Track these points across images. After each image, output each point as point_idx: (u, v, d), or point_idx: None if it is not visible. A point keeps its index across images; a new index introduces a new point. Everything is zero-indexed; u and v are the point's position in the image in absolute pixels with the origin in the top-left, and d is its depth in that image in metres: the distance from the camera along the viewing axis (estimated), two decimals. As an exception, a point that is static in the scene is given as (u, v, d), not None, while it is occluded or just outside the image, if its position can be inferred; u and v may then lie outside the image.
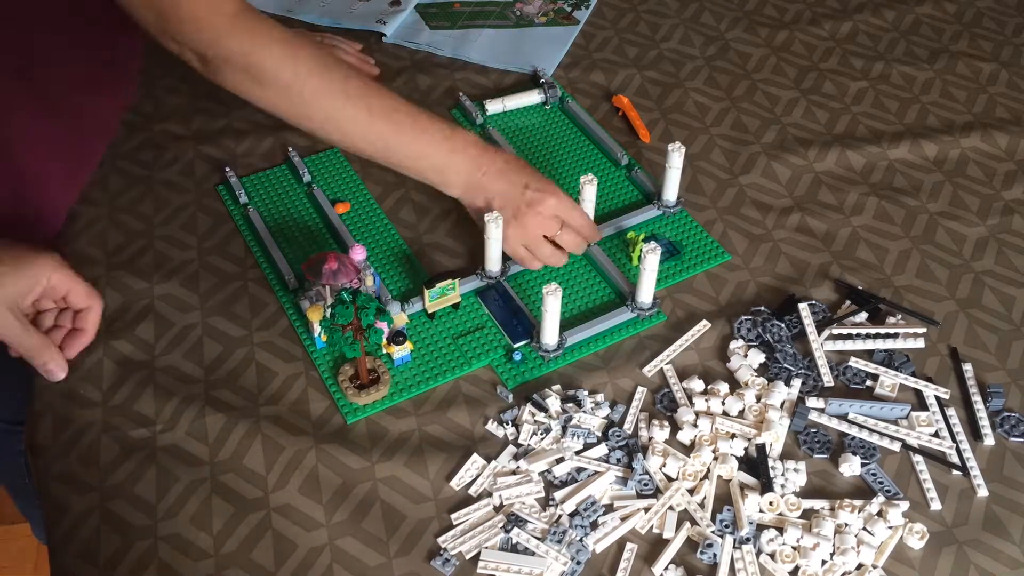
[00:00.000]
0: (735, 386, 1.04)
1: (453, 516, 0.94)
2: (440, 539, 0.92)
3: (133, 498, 0.96)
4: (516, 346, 1.07)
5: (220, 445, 0.99)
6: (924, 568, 0.92)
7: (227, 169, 1.25)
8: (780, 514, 0.94)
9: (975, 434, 1.01)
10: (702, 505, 0.94)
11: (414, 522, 0.94)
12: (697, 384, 1.03)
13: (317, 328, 1.05)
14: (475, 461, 0.97)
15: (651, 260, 1.04)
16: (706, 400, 1.02)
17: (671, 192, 1.20)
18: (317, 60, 1.03)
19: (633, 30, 1.50)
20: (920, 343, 1.08)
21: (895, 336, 1.08)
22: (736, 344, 1.07)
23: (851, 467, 0.97)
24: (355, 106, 1.05)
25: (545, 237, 1.11)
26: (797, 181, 1.27)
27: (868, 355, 1.07)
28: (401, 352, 1.05)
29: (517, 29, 1.46)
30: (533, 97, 1.35)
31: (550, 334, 1.05)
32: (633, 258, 1.16)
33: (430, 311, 1.10)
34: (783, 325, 1.08)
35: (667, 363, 1.06)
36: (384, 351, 1.05)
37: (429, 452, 0.99)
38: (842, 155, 1.30)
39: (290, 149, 1.28)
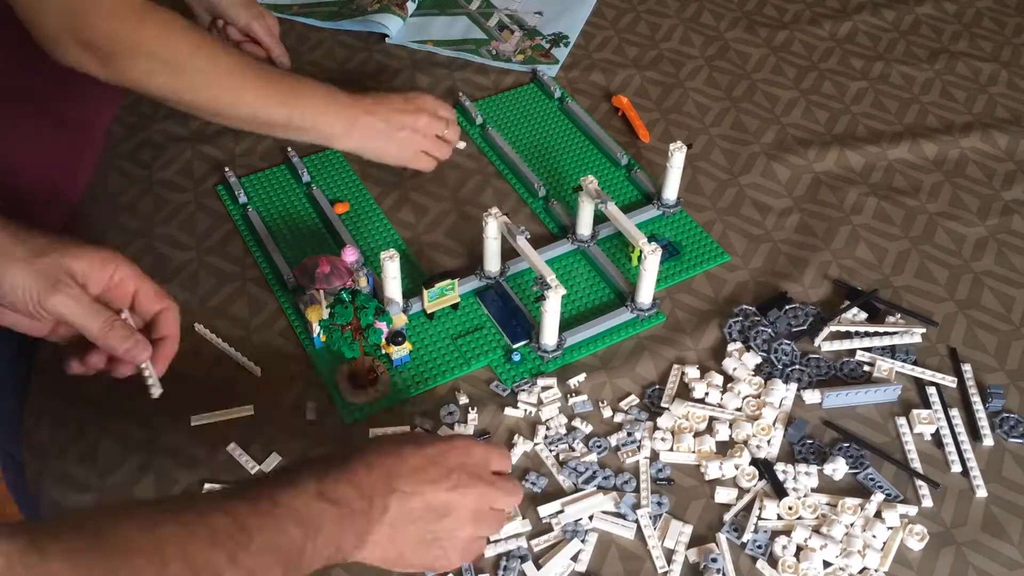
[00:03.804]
0: (732, 384, 1.04)
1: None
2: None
3: (132, 499, 0.96)
4: (515, 347, 1.07)
5: (218, 446, 0.99)
6: (923, 569, 0.91)
7: (226, 169, 1.24)
8: (799, 518, 0.94)
9: (974, 435, 1.01)
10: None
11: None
12: (695, 376, 1.04)
13: (316, 328, 1.05)
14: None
15: (651, 261, 1.04)
16: (705, 391, 1.03)
17: (671, 191, 1.19)
18: (215, 41, 1.07)
19: (633, 30, 1.50)
20: (919, 341, 1.08)
21: (894, 336, 1.08)
22: (734, 346, 1.07)
23: (837, 471, 0.97)
24: (251, 76, 1.08)
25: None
26: (797, 181, 1.27)
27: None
28: (400, 352, 1.05)
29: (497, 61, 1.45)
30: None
31: (549, 334, 1.05)
32: (633, 258, 1.16)
33: (429, 311, 1.10)
34: (768, 330, 1.07)
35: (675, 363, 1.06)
36: (383, 351, 1.05)
37: (428, 452, 0.99)
38: (842, 155, 1.30)
39: (289, 149, 1.28)
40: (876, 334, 1.08)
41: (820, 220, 1.22)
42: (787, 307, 1.10)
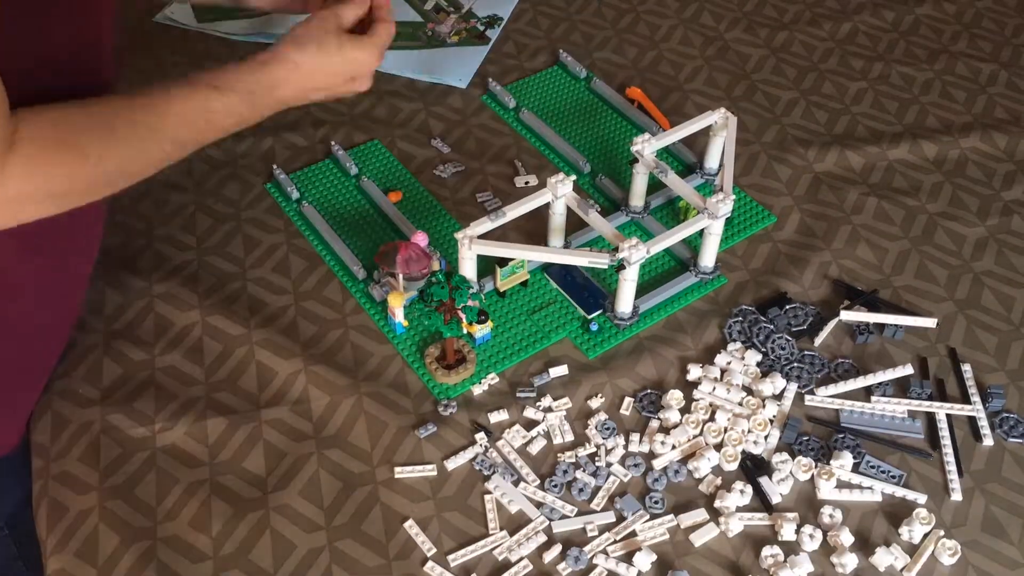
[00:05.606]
0: (732, 382, 1.04)
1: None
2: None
3: (132, 499, 0.96)
4: (591, 317, 1.09)
5: (220, 447, 0.99)
6: (924, 569, 0.91)
7: (275, 167, 1.25)
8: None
9: (975, 435, 1.01)
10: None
11: (414, 524, 0.94)
12: (695, 375, 1.04)
13: (398, 314, 1.06)
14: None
15: (716, 225, 1.08)
16: (711, 389, 1.03)
17: (713, 161, 1.24)
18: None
19: (633, 30, 1.50)
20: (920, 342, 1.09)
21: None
22: (734, 345, 1.07)
23: (844, 464, 0.97)
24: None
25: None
26: (797, 181, 1.27)
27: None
28: (483, 331, 1.06)
29: (428, 50, 1.45)
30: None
31: (626, 302, 1.07)
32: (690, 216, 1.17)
33: (501, 290, 1.12)
34: (772, 326, 1.07)
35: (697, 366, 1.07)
36: (465, 331, 1.07)
37: (429, 452, 0.99)
38: (842, 155, 1.30)
39: (332, 143, 1.29)
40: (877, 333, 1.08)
41: (820, 220, 1.22)
42: (787, 307, 1.10)
